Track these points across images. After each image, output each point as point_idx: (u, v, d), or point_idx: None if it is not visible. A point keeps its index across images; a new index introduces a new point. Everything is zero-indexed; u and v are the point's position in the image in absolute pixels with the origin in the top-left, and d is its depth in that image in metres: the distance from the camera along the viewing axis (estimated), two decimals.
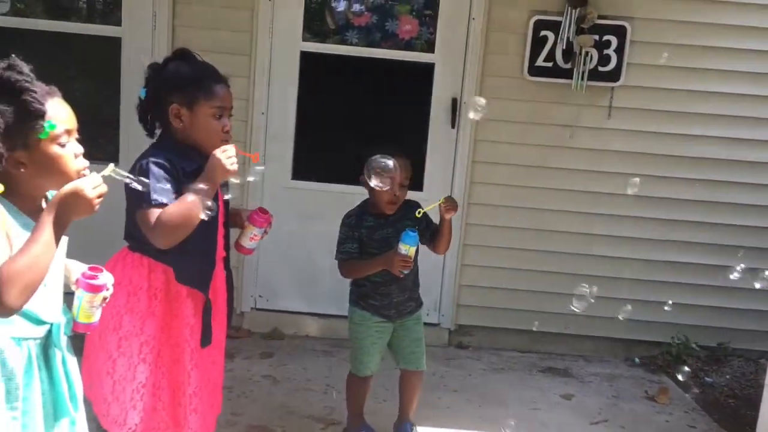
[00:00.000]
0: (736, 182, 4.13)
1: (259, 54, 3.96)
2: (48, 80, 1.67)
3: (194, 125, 2.09)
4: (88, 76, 4.33)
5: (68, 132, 1.62)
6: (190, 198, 1.96)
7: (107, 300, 1.73)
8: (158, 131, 2.21)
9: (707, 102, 4.05)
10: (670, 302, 4.08)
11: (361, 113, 4.24)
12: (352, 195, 4.12)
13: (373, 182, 2.61)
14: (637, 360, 4.21)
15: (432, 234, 2.84)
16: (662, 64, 3.99)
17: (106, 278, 1.69)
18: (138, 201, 1.99)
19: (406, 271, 2.63)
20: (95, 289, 1.67)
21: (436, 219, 2.85)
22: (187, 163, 2.06)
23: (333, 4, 4.13)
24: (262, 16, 3.93)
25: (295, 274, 4.24)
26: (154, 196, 1.97)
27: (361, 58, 4.08)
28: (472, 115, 2.71)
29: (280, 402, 3.30)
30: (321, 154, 4.24)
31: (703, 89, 4.04)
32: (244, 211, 2.35)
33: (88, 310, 1.68)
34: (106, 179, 1.62)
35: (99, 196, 1.58)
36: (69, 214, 1.56)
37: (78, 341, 1.86)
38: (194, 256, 2.11)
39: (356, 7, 4.11)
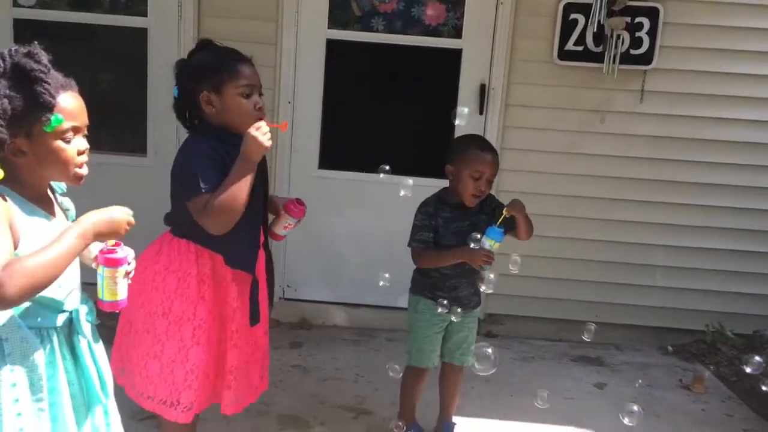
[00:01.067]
0: None
1: (284, 43, 3.94)
2: (74, 73, 1.66)
3: (225, 108, 2.12)
4: (115, 68, 4.34)
5: (75, 129, 1.61)
6: (233, 179, 2.01)
7: (131, 275, 1.71)
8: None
9: (741, 84, 3.95)
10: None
11: (388, 101, 4.20)
12: (379, 184, 4.12)
13: (464, 169, 2.60)
14: (670, 348, 4.14)
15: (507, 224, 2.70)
16: (696, 47, 3.91)
17: (125, 252, 1.67)
18: (187, 190, 2.05)
19: (487, 267, 2.55)
20: (114, 263, 1.65)
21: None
22: (231, 147, 2.08)
23: None
24: (287, 5, 3.90)
25: (322, 264, 4.23)
26: (203, 184, 2.02)
27: (387, 45, 4.03)
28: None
29: (310, 391, 3.30)
30: (348, 142, 4.21)
31: (738, 71, 3.94)
32: (280, 199, 2.38)
33: (112, 286, 1.66)
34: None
35: (129, 224, 1.65)
36: (97, 236, 1.59)
37: (106, 332, 1.85)
38: (242, 240, 2.14)
39: None
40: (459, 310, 2.69)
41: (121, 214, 1.62)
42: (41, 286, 1.47)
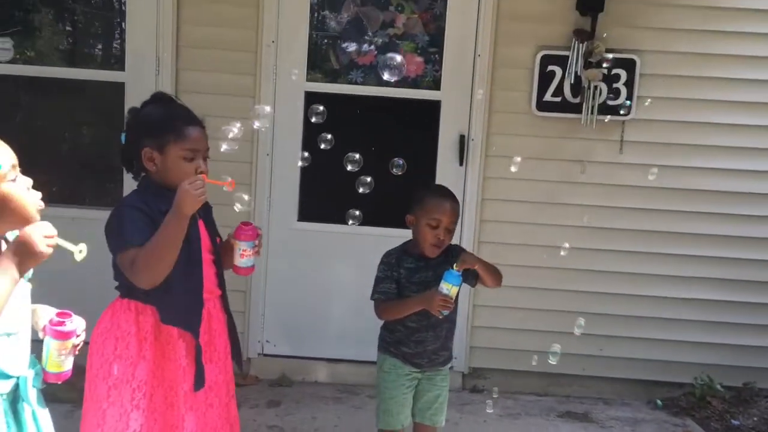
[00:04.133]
0: (755, 215, 4.00)
1: (263, 95, 3.92)
2: (52, 126, 1.66)
3: (166, 168, 2.10)
4: (94, 122, 4.32)
5: (14, 167, 1.58)
6: (161, 232, 1.99)
7: (78, 348, 1.64)
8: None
9: (721, 134, 3.96)
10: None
11: (367, 153, 4.15)
12: (360, 236, 4.08)
13: (422, 218, 2.59)
14: (659, 402, 4.04)
15: (475, 274, 2.66)
16: (673, 97, 3.93)
17: (75, 324, 1.62)
18: (116, 245, 2.03)
19: (445, 312, 2.49)
20: (63, 336, 1.59)
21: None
22: (164, 204, 2.04)
23: (338, 44, 4.10)
24: (265, 58, 3.90)
25: (303, 318, 4.14)
26: (129, 237, 1.99)
27: (366, 97, 4.04)
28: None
29: None
30: (327, 194, 4.17)
31: (716, 121, 3.95)
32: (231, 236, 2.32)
33: (57, 358, 1.59)
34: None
35: (49, 245, 1.55)
36: (22, 264, 1.52)
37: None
38: (178, 295, 2.07)
39: (361, 46, 4.08)
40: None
41: (33, 230, 1.53)
42: None
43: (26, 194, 1.58)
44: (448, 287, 2.44)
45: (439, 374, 2.73)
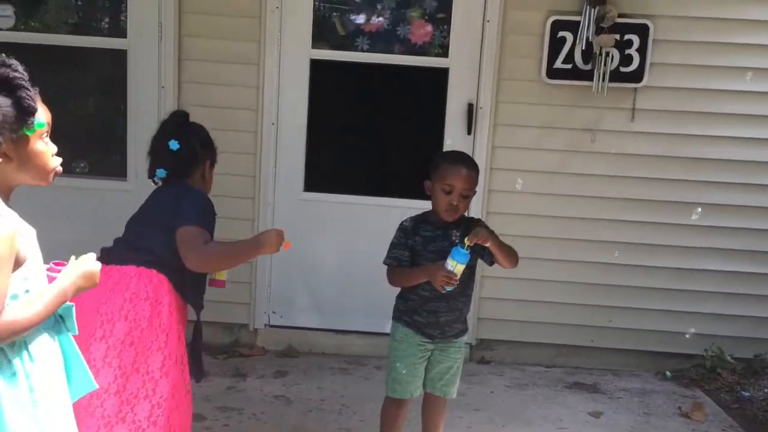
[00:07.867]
0: None
1: (267, 63, 3.85)
2: (53, 95, 1.77)
3: (209, 179, 2.51)
4: (95, 90, 4.26)
5: (48, 132, 1.66)
6: (240, 250, 2.35)
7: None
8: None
9: (734, 101, 3.86)
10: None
11: (374, 121, 4.11)
12: (366, 206, 4.04)
13: (436, 183, 2.56)
14: (668, 374, 4.01)
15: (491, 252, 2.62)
16: (687, 64, 3.84)
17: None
18: (190, 216, 2.21)
19: (449, 288, 2.45)
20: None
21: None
22: None
23: (344, 10, 4.01)
24: (270, 25, 3.82)
25: (309, 289, 4.11)
26: (203, 219, 2.25)
27: (372, 65, 3.95)
28: None
29: (293, 424, 3.16)
30: (334, 164, 4.11)
31: (730, 88, 3.85)
32: None
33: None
34: None
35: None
36: (77, 290, 1.64)
37: None
38: (200, 281, 2.32)
39: (368, 12, 3.99)
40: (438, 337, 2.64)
41: (95, 267, 1.67)
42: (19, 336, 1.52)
43: (50, 158, 1.66)
44: (453, 264, 2.40)
45: (453, 346, 2.70)
